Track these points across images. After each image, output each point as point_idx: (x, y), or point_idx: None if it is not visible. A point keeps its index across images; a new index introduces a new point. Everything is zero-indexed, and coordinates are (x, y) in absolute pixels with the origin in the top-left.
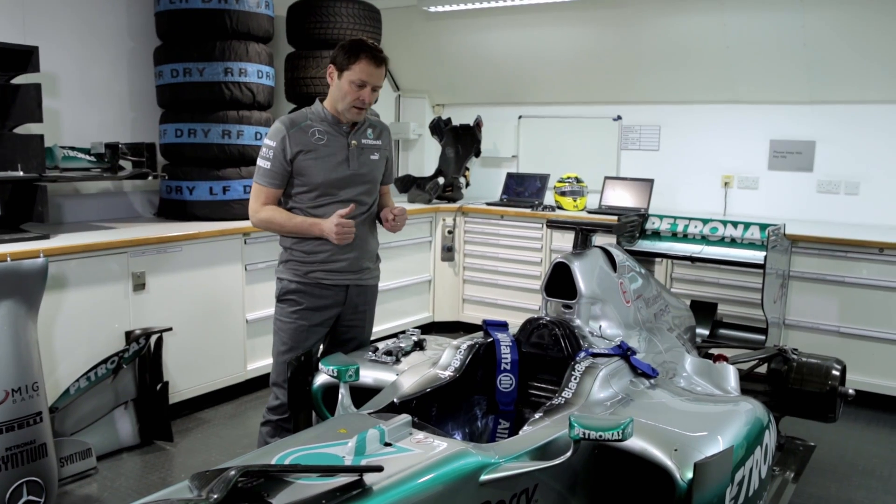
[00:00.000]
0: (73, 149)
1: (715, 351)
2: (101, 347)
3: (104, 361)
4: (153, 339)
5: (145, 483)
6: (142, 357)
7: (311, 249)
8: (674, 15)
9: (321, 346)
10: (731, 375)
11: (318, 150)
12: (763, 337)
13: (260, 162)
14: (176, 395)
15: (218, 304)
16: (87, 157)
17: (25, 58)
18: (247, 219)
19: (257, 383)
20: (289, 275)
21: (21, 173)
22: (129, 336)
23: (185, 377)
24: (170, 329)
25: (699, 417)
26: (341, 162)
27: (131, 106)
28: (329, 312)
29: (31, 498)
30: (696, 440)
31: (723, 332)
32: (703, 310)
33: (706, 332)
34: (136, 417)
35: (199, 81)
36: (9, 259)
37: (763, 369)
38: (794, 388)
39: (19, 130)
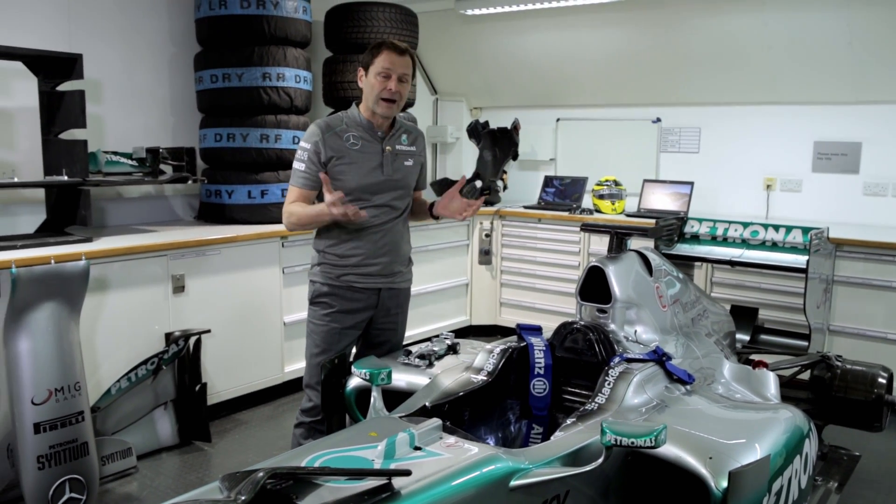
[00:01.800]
0: (115, 153)
1: (755, 357)
2: (142, 349)
3: (144, 362)
4: (192, 340)
5: (183, 482)
6: (181, 358)
7: (344, 253)
8: (714, 15)
9: (354, 349)
10: (770, 382)
11: (352, 156)
12: (806, 343)
13: (295, 164)
14: (214, 397)
15: (256, 307)
16: (129, 162)
17: (70, 65)
18: None
19: (294, 385)
20: (321, 278)
21: (65, 178)
22: (169, 338)
23: (223, 379)
24: (208, 331)
25: (736, 425)
26: (375, 167)
27: (172, 111)
28: (361, 316)
29: (73, 495)
30: (732, 448)
31: (764, 337)
32: (744, 315)
33: (747, 338)
34: (175, 418)
35: (237, 86)
36: (52, 262)
37: (806, 376)
38: (838, 396)
39: (64, 136)
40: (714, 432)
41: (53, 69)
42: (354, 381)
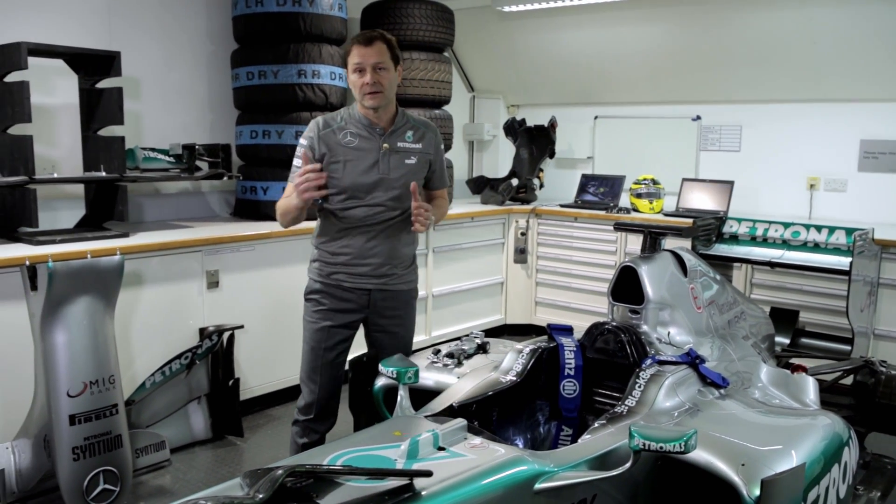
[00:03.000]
0: (153, 150)
1: (795, 361)
2: (176, 343)
3: (178, 357)
4: (225, 335)
5: (216, 476)
6: (214, 353)
7: (335, 251)
8: (757, 10)
9: (344, 348)
10: (809, 387)
11: (347, 153)
12: (849, 347)
13: (294, 160)
14: (247, 392)
15: (289, 303)
16: (166, 158)
17: (108, 62)
18: None
19: None
20: (314, 274)
21: (103, 174)
22: (203, 332)
23: (256, 374)
24: (241, 326)
25: (771, 431)
26: (371, 166)
27: (210, 108)
28: (352, 316)
29: (107, 486)
30: (766, 455)
31: (805, 341)
32: (784, 317)
33: (786, 341)
34: (208, 412)
35: (273, 83)
36: (89, 256)
37: (848, 381)
38: (883, 403)
39: (103, 132)
40: (748, 438)
41: (93, 67)
42: (383, 380)
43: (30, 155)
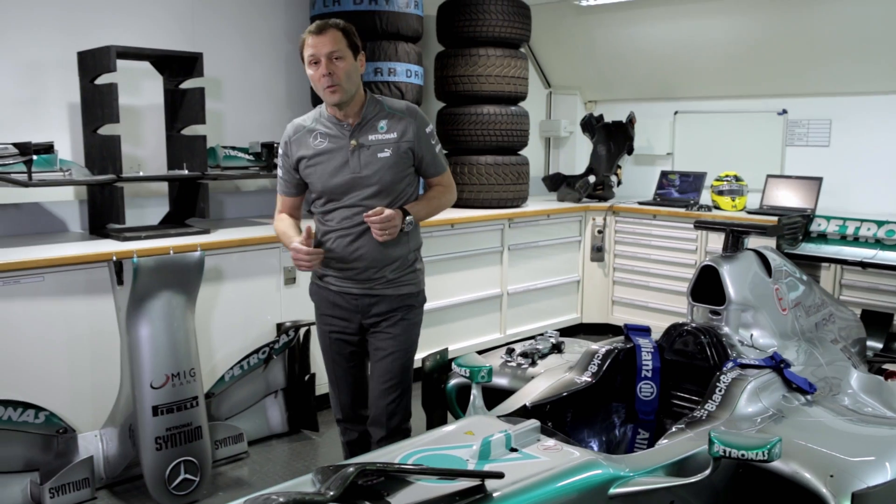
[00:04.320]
0: (233, 148)
1: (889, 367)
2: (254, 338)
3: (256, 351)
4: (302, 331)
5: (291, 470)
6: (291, 349)
7: (325, 253)
8: None
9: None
10: None
11: (319, 156)
12: None
13: (278, 169)
14: (322, 387)
15: None
16: (246, 156)
17: (192, 63)
18: None
19: None
20: (312, 276)
21: (186, 172)
22: (280, 328)
23: None
24: None
25: (863, 441)
26: (341, 166)
27: (288, 106)
28: (346, 322)
29: (187, 476)
30: (858, 466)
31: None
32: (877, 321)
33: (880, 346)
34: (285, 406)
35: None
36: (171, 252)
37: None
38: None
39: (186, 132)
40: (837, 448)
41: (177, 68)
42: (456, 378)
43: (118, 154)
